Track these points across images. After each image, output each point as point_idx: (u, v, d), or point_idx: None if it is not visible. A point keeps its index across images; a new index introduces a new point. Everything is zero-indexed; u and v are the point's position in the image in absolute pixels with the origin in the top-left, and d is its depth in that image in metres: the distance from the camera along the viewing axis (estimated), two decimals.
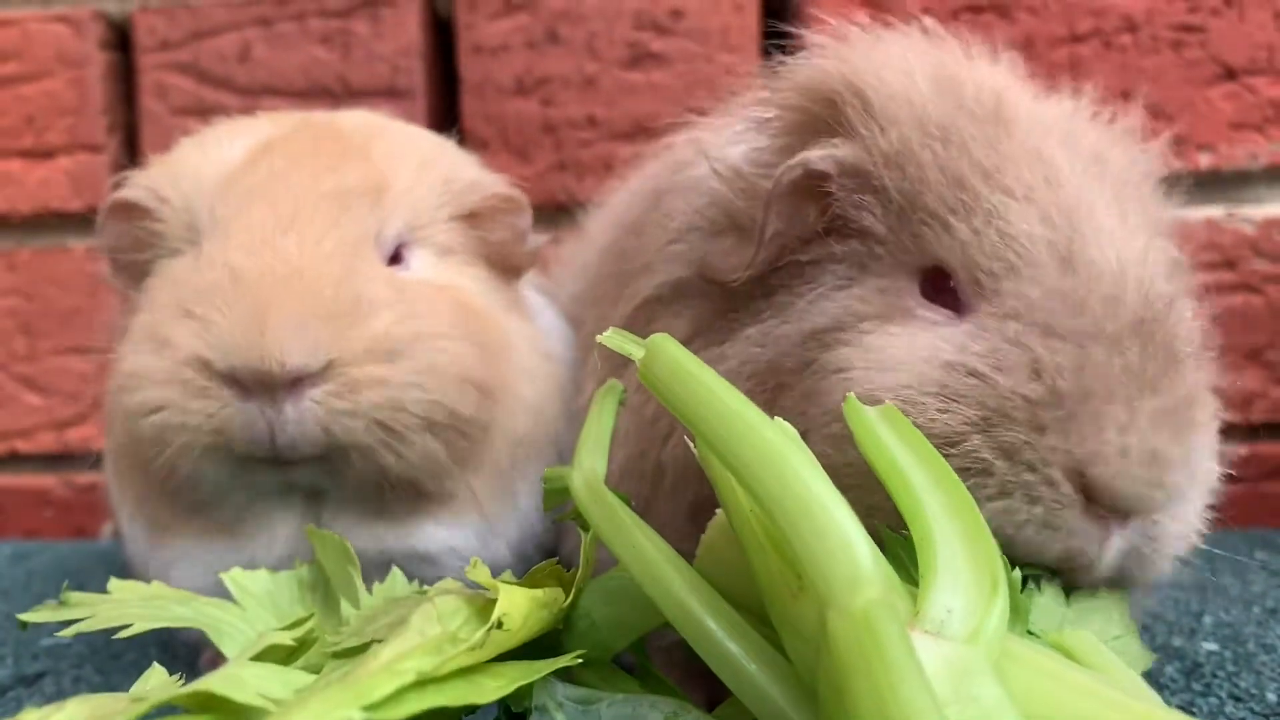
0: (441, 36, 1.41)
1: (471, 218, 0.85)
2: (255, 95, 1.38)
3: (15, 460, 1.45)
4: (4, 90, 1.41)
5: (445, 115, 1.41)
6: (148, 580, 0.84)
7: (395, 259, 0.80)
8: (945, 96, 0.64)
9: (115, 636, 0.58)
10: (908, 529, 0.47)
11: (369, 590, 0.65)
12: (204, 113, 1.39)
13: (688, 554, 0.54)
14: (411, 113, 1.36)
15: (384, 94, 1.37)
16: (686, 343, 0.68)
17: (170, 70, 1.39)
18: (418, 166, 0.83)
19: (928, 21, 0.71)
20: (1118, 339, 0.57)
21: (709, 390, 0.49)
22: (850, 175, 0.64)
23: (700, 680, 0.66)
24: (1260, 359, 1.29)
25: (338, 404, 0.70)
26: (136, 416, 0.72)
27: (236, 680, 0.47)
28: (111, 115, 1.41)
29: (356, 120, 0.88)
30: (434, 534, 0.79)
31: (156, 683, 0.53)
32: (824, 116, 0.66)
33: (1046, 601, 0.57)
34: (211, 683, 0.46)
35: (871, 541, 0.44)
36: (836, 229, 0.65)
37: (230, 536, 0.77)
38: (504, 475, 0.82)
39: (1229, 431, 1.29)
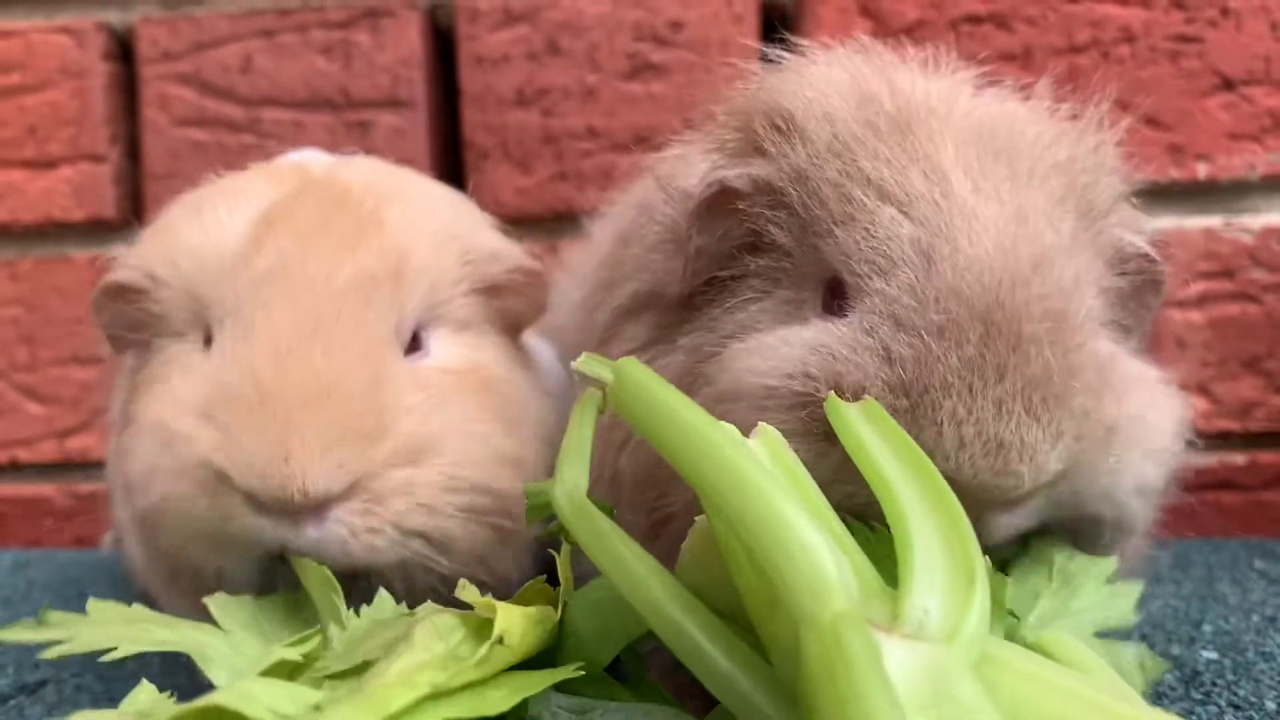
0: (442, 47, 1.41)
1: (490, 289, 0.81)
2: (257, 106, 1.38)
3: (16, 469, 1.46)
4: (7, 101, 1.41)
5: (446, 126, 1.41)
6: (151, 594, 0.84)
7: (415, 343, 0.76)
8: (856, 111, 0.66)
9: (101, 659, 0.57)
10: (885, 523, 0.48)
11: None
12: (206, 123, 1.40)
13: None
14: (412, 123, 1.36)
15: (385, 104, 1.37)
16: (643, 350, 0.72)
17: (172, 81, 1.39)
18: (435, 239, 0.78)
19: (864, 39, 0.73)
20: (958, 331, 0.58)
21: (672, 411, 0.50)
22: (764, 193, 0.67)
23: (695, 690, 0.66)
24: (1259, 368, 1.29)
25: (359, 521, 0.67)
26: (155, 514, 0.70)
27: (247, 695, 0.47)
28: (114, 126, 1.42)
29: (364, 177, 0.81)
30: None
31: (146, 698, 0.53)
32: (755, 138, 0.69)
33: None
34: (221, 697, 0.46)
35: (844, 549, 0.44)
36: (753, 245, 0.68)
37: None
38: (532, 545, 0.79)
39: (1227, 439, 1.30)
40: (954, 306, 0.58)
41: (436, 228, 0.79)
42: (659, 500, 0.68)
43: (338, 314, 0.69)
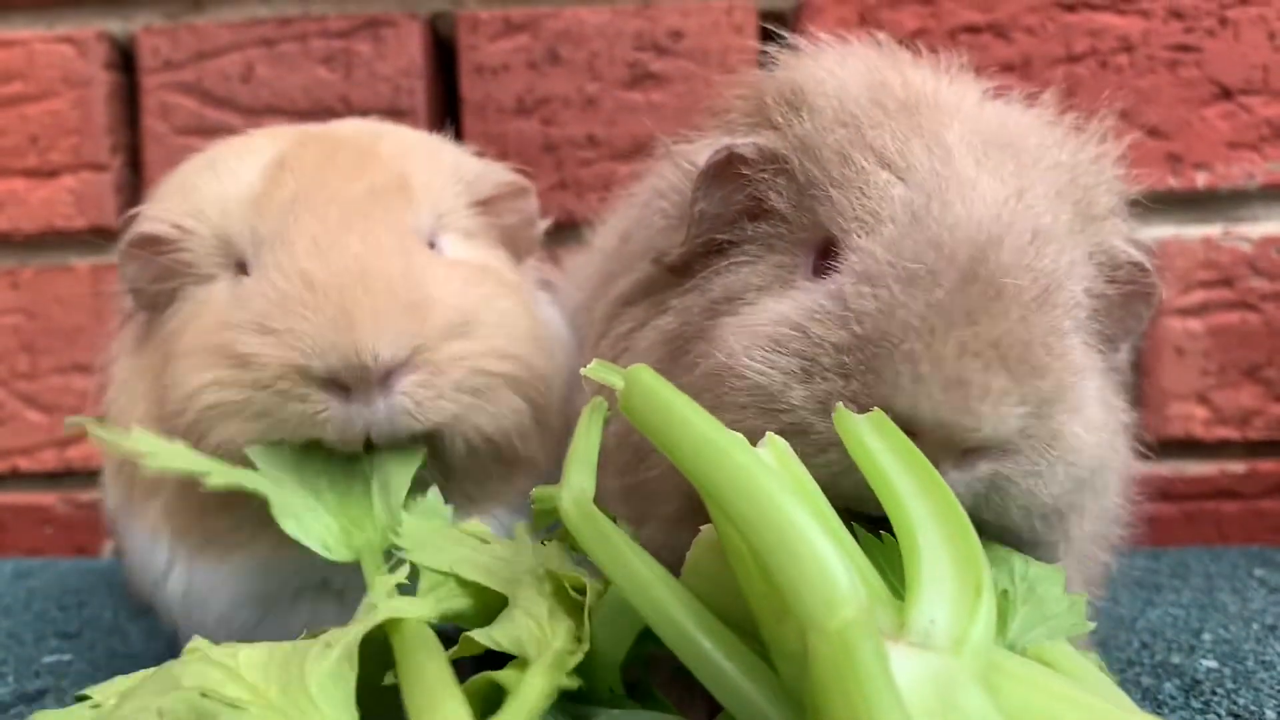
0: (443, 56, 1.42)
1: (485, 204, 0.88)
2: (258, 115, 1.39)
3: (16, 478, 1.46)
4: (8, 110, 1.42)
5: (447, 134, 1.42)
6: (154, 605, 0.85)
7: (431, 248, 0.82)
8: (866, 91, 0.67)
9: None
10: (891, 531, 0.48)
11: None
12: (207, 132, 1.40)
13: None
14: None
15: (386, 114, 1.36)
16: (638, 328, 0.72)
17: (173, 90, 1.40)
18: (429, 162, 0.86)
19: (880, 36, 0.75)
20: (930, 278, 0.57)
21: (684, 419, 0.50)
22: (769, 161, 0.68)
23: (697, 698, 0.66)
24: (1258, 376, 1.29)
25: (424, 392, 0.73)
26: (211, 419, 0.73)
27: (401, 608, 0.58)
28: (115, 135, 1.42)
29: (352, 127, 0.91)
30: (499, 517, 0.81)
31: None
32: (766, 112, 0.70)
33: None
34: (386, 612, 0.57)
35: (851, 557, 0.44)
36: (753, 211, 0.69)
37: (276, 539, 0.75)
38: (559, 441, 0.83)
39: (1226, 448, 1.30)
40: (930, 256, 0.58)
41: (427, 153, 0.87)
42: (634, 463, 0.68)
43: (364, 214, 0.76)
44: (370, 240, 0.74)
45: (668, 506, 0.66)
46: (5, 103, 1.42)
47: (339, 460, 0.74)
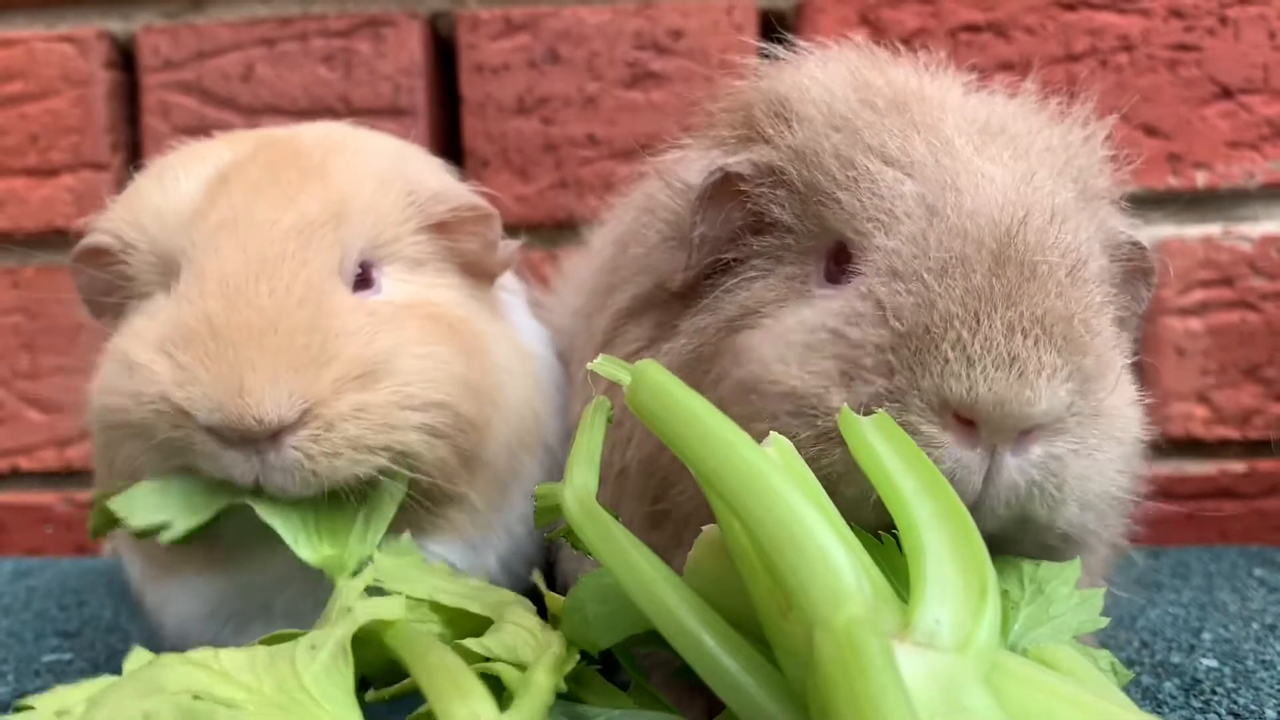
0: (443, 56, 1.42)
1: (440, 228, 0.84)
2: (258, 114, 1.39)
3: (17, 477, 1.46)
4: (9, 109, 1.42)
5: (447, 134, 1.42)
6: (147, 606, 0.86)
7: (365, 280, 0.80)
8: (853, 93, 0.67)
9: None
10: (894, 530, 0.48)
11: None
12: (207, 131, 1.39)
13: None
14: (413, 131, 1.36)
15: (386, 113, 1.37)
16: (648, 348, 0.72)
17: (174, 89, 1.40)
18: (378, 182, 0.82)
19: (859, 39, 0.75)
20: (963, 265, 0.57)
21: (692, 414, 0.50)
22: (766, 175, 0.68)
23: (697, 698, 0.66)
24: (1258, 376, 1.29)
25: (315, 447, 0.70)
26: (116, 434, 0.75)
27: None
28: (115, 134, 1.42)
29: (316, 135, 0.86)
30: (428, 550, 0.79)
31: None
32: (755, 126, 0.70)
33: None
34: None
35: (857, 556, 0.44)
36: (755, 226, 0.69)
37: (225, 565, 0.78)
38: (501, 480, 0.82)
39: (1227, 447, 1.30)
40: (958, 244, 0.58)
41: (380, 172, 0.83)
42: (663, 489, 0.68)
43: (282, 256, 0.74)
44: (282, 288, 0.72)
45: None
46: (5, 102, 1.42)
47: None
